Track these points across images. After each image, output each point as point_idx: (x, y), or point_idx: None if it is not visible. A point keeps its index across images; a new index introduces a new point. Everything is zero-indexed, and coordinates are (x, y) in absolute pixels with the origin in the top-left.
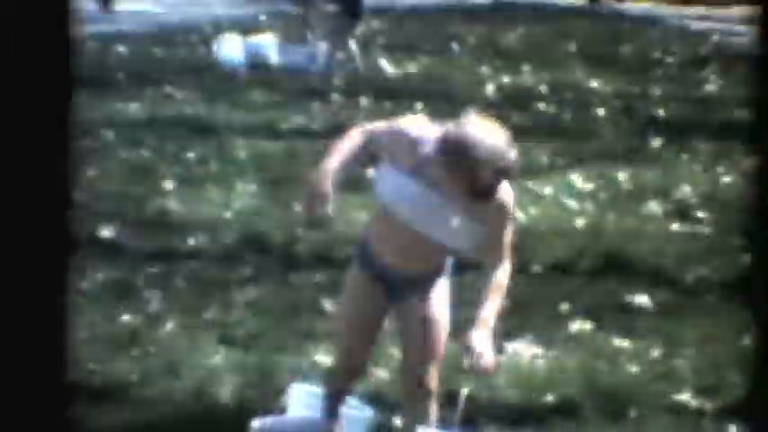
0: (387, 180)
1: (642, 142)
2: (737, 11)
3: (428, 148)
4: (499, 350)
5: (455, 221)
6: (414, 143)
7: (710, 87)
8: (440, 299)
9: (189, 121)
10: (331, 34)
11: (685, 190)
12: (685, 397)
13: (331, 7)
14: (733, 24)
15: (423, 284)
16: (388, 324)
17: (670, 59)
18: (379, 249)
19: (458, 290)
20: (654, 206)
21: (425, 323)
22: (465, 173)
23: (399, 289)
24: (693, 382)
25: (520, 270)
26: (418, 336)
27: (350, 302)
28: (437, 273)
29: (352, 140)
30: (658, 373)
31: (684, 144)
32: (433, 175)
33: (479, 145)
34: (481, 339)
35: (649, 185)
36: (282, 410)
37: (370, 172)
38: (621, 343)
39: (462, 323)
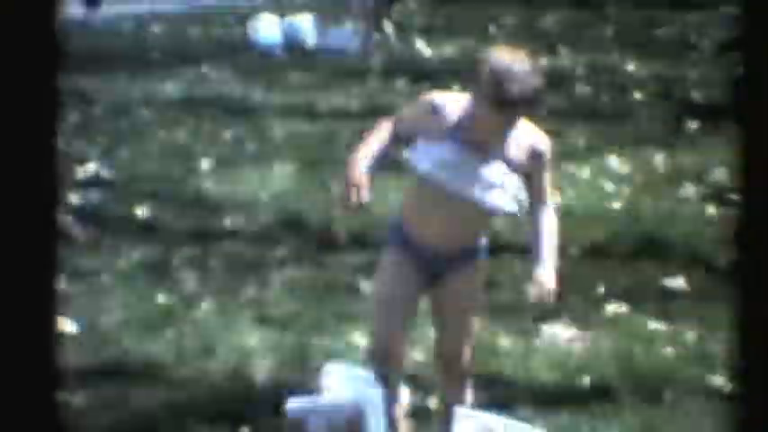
0: (421, 152)
1: (678, 125)
2: None
3: (456, 112)
4: (535, 332)
5: (495, 176)
6: (440, 111)
7: None
8: (476, 281)
9: (225, 101)
10: (367, 15)
11: (721, 173)
12: (720, 380)
13: None
14: None
15: (462, 262)
16: (423, 305)
17: (707, 43)
18: (418, 230)
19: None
20: (689, 189)
21: (462, 304)
22: (497, 98)
23: (438, 268)
24: (728, 365)
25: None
26: (455, 317)
27: (386, 287)
28: (475, 250)
29: (380, 131)
30: (693, 357)
31: (720, 127)
32: (467, 135)
33: (509, 64)
34: (546, 273)
35: (685, 168)
36: (318, 390)
37: (405, 153)
38: (657, 326)
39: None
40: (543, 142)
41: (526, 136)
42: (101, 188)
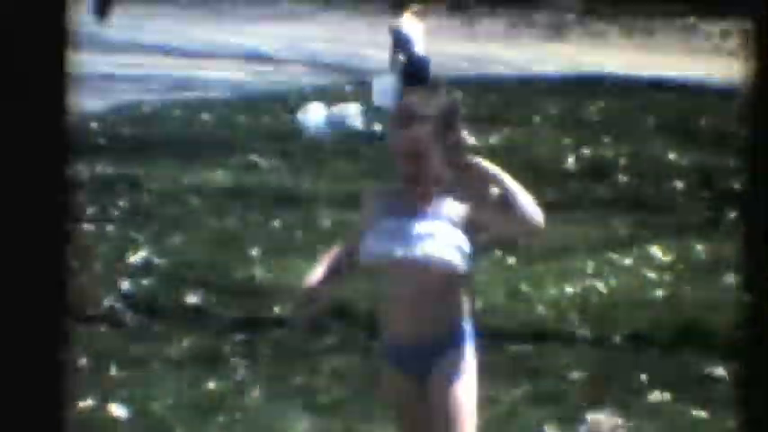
0: (364, 243)
1: (719, 215)
2: None
3: (382, 191)
4: (580, 420)
5: (425, 229)
6: (367, 197)
7: None
8: (461, 374)
9: (274, 189)
10: None
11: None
12: None
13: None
14: None
15: (441, 354)
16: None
17: (745, 132)
18: (391, 328)
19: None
20: (731, 278)
21: (449, 405)
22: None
23: (421, 368)
24: None
25: (600, 340)
26: (443, 421)
27: (393, 404)
28: (452, 336)
29: (330, 255)
30: None
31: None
32: (395, 202)
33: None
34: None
35: (726, 258)
36: None
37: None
38: (699, 414)
39: None
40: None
41: (460, 194)
42: (151, 274)
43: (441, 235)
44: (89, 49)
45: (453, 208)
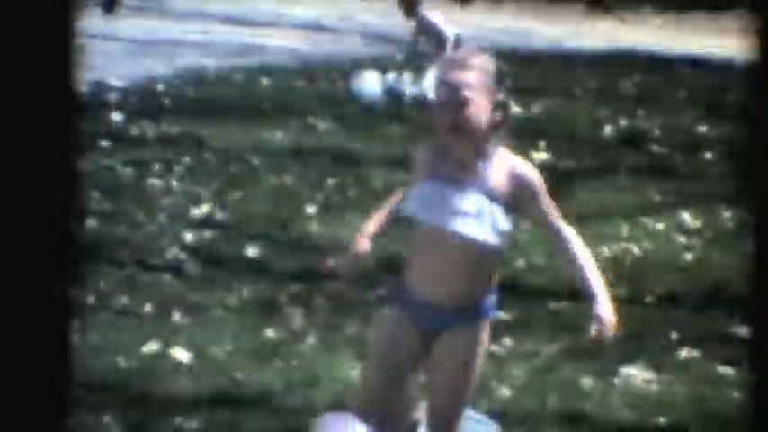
0: (408, 197)
1: (746, 185)
2: None
3: (434, 150)
4: (614, 373)
5: (469, 206)
6: (420, 153)
7: None
8: (477, 343)
9: (329, 150)
10: None
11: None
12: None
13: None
14: None
15: (462, 321)
16: (498, 348)
17: None
18: (417, 283)
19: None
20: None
21: (458, 366)
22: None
23: (438, 324)
24: None
25: (634, 300)
26: (448, 379)
27: (382, 343)
28: (478, 309)
29: (386, 205)
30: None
31: None
32: (444, 168)
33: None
34: (605, 309)
35: (751, 224)
36: (414, 424)
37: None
38: (726, 370)
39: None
40: (527, 170)
41: (509, 167)
42: (214, 228)
43: (480, 212)
44: (159, 16)
45: (497, 182)
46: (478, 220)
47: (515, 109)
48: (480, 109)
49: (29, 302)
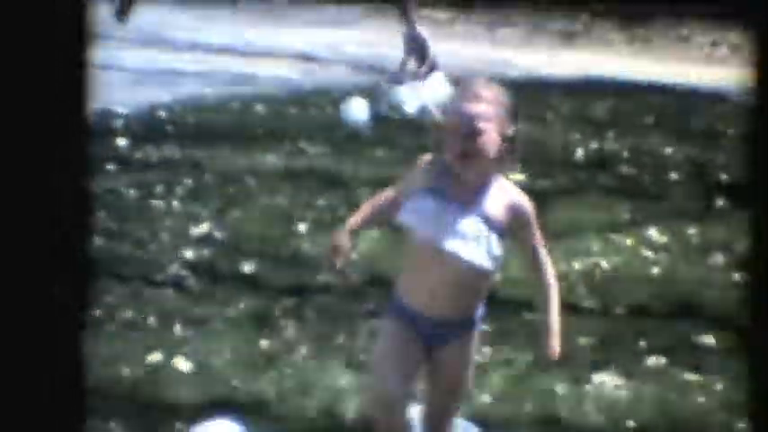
0: (407, 207)
1: (709, 203)
2: None
3: (440, 168)
4: (587, 380)
5: (471, 229)
6: (426, 166)
7: None
8: (470, 353)
9: (319, 172)
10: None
11: (746, 245)
12: (745, 425)
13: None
14: None
15: (457, 334)
16: (477, 357)
17: (733, 130)
18: (410, 294)
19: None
20: (719, 258)
21: (456, 377)
22: (450, 118)
23: (435, 340)
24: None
25: (604, 311)
26: (447, 389)
27: (387, 348)
28: (471, 322)
29: (375, 199)
30: (722, 404)
31: (746, 205)
32: (449, 189)
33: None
34: (553, 337)
35: (715, 240)
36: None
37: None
38: (691, 377)
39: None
40: (524, 201)
41: (508, 196)
42: (212, 246)
43: (478, 237)
44: (158, 48)
45: (495, 210)
46: (475, 243)
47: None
48: (491, 140)
49: (45, 315)
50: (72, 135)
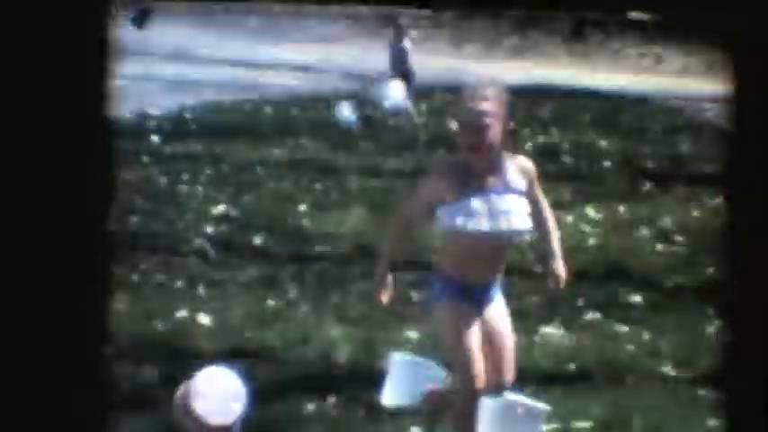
0: (446, 215)
1: (636, 186)
2: (707, 88)
3: (454, 167)
4: (535, 332)
5: (508, 204)
6: (444, 174)
7: (684, 147)
8: (503, 302)
9: (317, 162)
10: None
11: (666, 221)
12: (667, 369)
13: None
14: (701, 101)
15: (496, 290)
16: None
17: (656, 127)
18: (463, 274)
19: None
20: (644, 232)
21: (507, 322)
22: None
23: (484, 299)
24: (673, 357)
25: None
26: (505, 335)
27: (457, 330)
28: (500, 279)
29: (394, 228)
30: (648, 351)
31: (666, 188)
32: (471, 180)
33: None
34: (559, 266)
35: (641, 217)
36: (383, 371)
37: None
38: (621, 329)
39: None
40: (529, 163)
41: (516, 163)
42: (228, 222)
43: (516, 208)
44: (184, 62)
45: (516, 180)
46: (519, 213)
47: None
48: (497, 133)
49: (78, 281)
50: (99, 134)
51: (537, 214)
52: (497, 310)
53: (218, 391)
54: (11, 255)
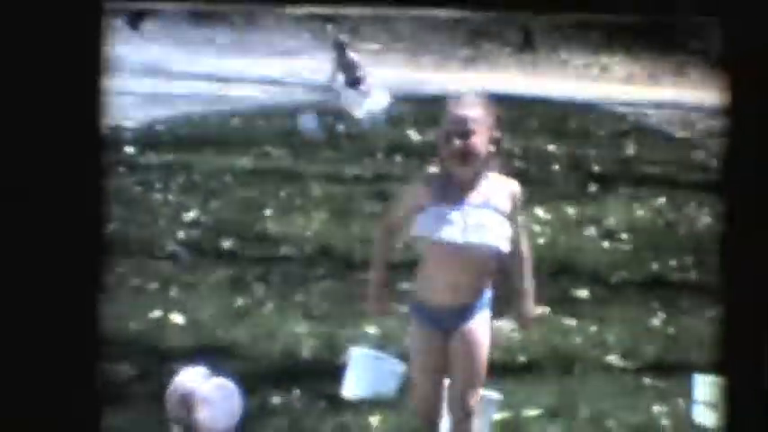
0: (420, 222)
1: (583, 187)
2: (651, 94)
3: (434, 178)
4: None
5: (482, 219)
6: (422, 182)
7: (629, 151)
8: (483, 332)
9: (281, 170)
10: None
11: (612, 220)
12: (613, 359)
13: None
14: (645, 108)
15: (470, 316)
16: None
17: (602, 132)
18: (430, 292)
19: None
20: (591, 231)
21: (472, 354)
22: (443, 130)
23: (452, 323)
24: (618, 348)
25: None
26: (466, 367)
27: (419, 358)
28: (480, 305)
29: (379, 239)
30: (594, 343)
31: (612, 189)
32: (455, 193)
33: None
34: (531, 307)
35: (588, 217)
36: (344, 365)
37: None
38: (569, 322)
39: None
40: (517, 187)
41: (503, 185)
42: (199, 228)
43: (493, 225)
44: (158, 77)
45: (498, 198)
46: (493, 230)
47: (417, 138)
48: (482, 141)
49: (68, 285)
50: (90, 145)
51: (513, 243)
52: (469, 335)
53: (217, 397)
54: (8, 256)
